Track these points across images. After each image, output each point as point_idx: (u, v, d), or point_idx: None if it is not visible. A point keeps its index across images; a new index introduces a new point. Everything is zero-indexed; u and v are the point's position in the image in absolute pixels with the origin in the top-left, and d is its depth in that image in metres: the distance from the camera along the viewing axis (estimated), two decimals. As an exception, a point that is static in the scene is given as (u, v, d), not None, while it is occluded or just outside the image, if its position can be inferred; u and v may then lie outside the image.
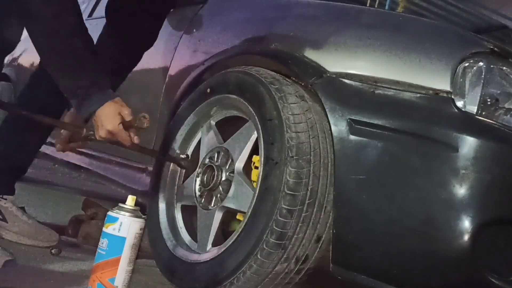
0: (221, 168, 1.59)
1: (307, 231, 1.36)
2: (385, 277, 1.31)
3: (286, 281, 1.41)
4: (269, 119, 1.44)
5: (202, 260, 1.50)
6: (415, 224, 1.26)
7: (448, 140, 1.24)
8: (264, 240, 1.34)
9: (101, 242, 1.36)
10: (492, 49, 1.32)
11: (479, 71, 1.30)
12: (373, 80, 1.38)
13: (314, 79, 1.46)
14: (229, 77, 1.65)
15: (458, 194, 1.22)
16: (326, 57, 1.48)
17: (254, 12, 1.90)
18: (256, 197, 1.40)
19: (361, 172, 1.33)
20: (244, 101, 1.55)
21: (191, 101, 1.77)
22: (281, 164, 1.36)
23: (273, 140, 1.41)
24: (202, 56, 1.90)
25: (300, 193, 1.34)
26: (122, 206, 1.38)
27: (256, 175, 1.54)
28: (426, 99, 1.31)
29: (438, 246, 1.24)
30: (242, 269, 1.37)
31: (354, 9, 1.63)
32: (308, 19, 1.67)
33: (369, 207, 1.31)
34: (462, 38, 1.39)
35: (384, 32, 1.46)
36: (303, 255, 1.38)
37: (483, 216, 1.22)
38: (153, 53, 2.24)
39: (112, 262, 1.34)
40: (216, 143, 1.67)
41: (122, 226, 1.34)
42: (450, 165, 1.23)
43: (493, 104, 1.30)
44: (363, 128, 1.34)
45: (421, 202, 1.26)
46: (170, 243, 1.65)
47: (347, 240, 1.35)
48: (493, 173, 1.23)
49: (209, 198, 1.61)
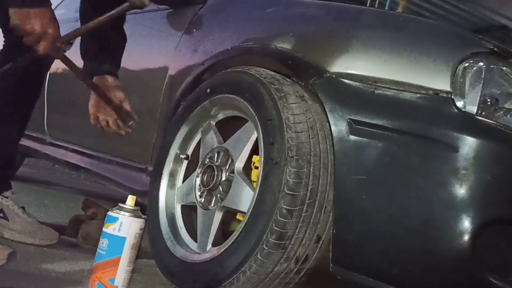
0: (221, 168, 1.60)
1: (307, 231, 1.36)
2: (385, 277, 1.31)
3: (286, 281, 1.41)
4: (269, 119, 1.44)
5: (202, 260, 1.50)
6: (415, 224, 1.26)
7: (448, 140, 1.24)
8: (264, 240, 1.34)
9: (101, 242, 1.36)
10: (492, 49, 1.32)
11: (479, 71, 1.30)
12: (373, 80, 1.38)
13: (314, 79, 1.46)
14: (229, 77, 1.65)
15: (458, 194, 1.22)
16: (326, 57, 1.48)
17: (254, 12, 1.90)
18: (256, 197, 1.40)
19: (361, 172, 1.33)
20: (244, 101, 1.55)
21: (191, 101, 1.77)
22: (281, 164, 1.36)
23: (273, 140, 1.41)
24: (202, 56, 1.90)
25: (300, 193, 1.34)
26: (122, 206, 1.38)
27: (256, 175, 1.54)
28: (426, 99, 1.31)
29: (438, 246, 1.24)
30: (242, 269, 1.37)
31: (354, 9, 1.63)
32: (308, 19, 1.67)
33: (369, 207, 1.31)
34: (462, 38, 1.39)
35: (384, 32, 1.46)
36: (303, 255, 1.38)
37: (483, 216, 1.22)
38: (153, 53, 2.24)
39: (112, 262, 1.34)
40: (216, 143, 1.67)
41: (122, 226, 1.34)
42: (450, 165, 1.23)
43: (493, 104, 1.30)
44: (363, 128, 1.34)
45: (421, 202, 1.26)
46: (170, 243, 1.65)
47: (347, 240, 1.35)
48: (493, 173, 1.23)
49: (209, 198, 1.61)
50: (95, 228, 1.86)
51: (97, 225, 1.83)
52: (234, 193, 1.52)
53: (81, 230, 1.91)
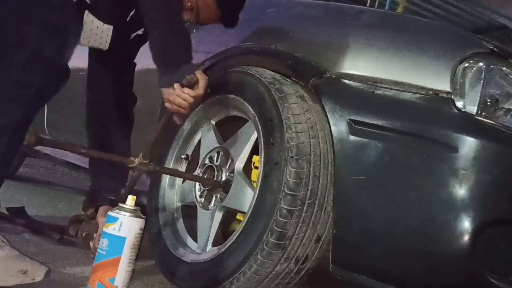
0: (221, 168, 1.60)
1: (307, 231, 1.36)
2: (385, 277, 1.31)
3: (286, 281, 1.41)
4: (269, 119, 1.44)
5: (202, 260, 1.50)
6: (415, 225, 1.26)
7: (448, 141, 1.24)
8: (264, 240, 1.34)
9: (101, 242, 1.36)
10: (492, 49, 1.32)
11: (479, 72, 1.30)
12: (373, 81, 1.38)
13: (314, 80, 1.46)
14: (229, 77, 1.65)
15: (458, 194, 1.22)
16: (326, 57, 1.48)
17: (254, 12, 1.90)
18: (256, 197, 1.40)
19: (361, 172, 1.33)
20: (244, 101, 1.55)
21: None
22: (281, 164, 1.36)
23: (273, 140, 1.41)
24: (202, 56, 1.90)
25: (300, 193, 1.34)
26: (122, 206, 1.38)
27: (256, 175, 1.54)
28: (426, 100, 1.31)
29: (438, 246, 1.24)
30: (242, 269, 1.37)
31: (354, 9, 1.63)
32: (308, 19, 1.67)
33: (369, 207, 1.31)
34: (462, 38, 1.39)
35: (384, 32, 1.46)
36: (303, 255, 1.38)
37: (483, 216, 1.22)
38: (153, 53, 2.24)
39: (112, 262, 1.34)
40: (216, 143, 1.67)
41: (122, 226, 1.34)
42: (450, 166, 1.23)
43: (493, 105, 1.30)
44: (363, 129, 1.34)
45: (421, 202, 1.26)
46: (170, 243, 1.65)
47: (347, 240, 1.35)
48: (493, 174, 1.23)
49: (209, 198, 1.61)
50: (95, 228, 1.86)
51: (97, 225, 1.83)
52: (234, 193, 1.52)
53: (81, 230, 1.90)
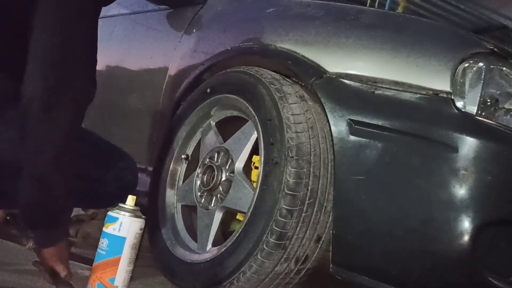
0: (221, 168, 1.60)
1: (307, 231, 1.36)
2: (385, 277, 1.31)
3: (286, 281, 1.41)
4: (269, 119, 1.44)
5: (202, 260, 1.50)
6: (415, 225, 1.26)
7: (448, 141, 1.24)
8: (264, 240, 1.34)
9: (101, 242, 1.36)
10: (492, 49, 1.32)
11: (479, 72, 1.30)
12: (373, 81, 1.38)
13: (314, 80, 1.46)
14: (229, 77, 1.65)
15: (458, 194, 1.22)
16: (326, 57, 1.48)
17: (254, 12, 1.90)
18: (256, 197, 1.40)
19: (361, 172, 1.33)
20: (244, 101, 1.55)
21: (191, 101, 1.77)
22: (281, 164, 1.36)
23: (273, 140, 1.41)
24: (202, 56, 1.90)
25: (300, 193, 1.34)
26: (122, 206, 1.38)
27: (256, 175, 1.54)
28: (426, 100, 1.31)
29: (438, 246, 1.24)
30: (242, 269, 1.37)
31: (354, 9, 1.63)
32: (308, 19, 1.67)
33: (369, 207, 1.31)
34: (461, 38, 1.39)
35: (384, 32, 1.46)
36: (303, 255, 1.38)
37: (483, 216, 1.22)
38: (153, 53, 2.24)
39: (112, 262, 1.34)
40: (216, 143, 1.67)
41: (122, 226, 1.34)
42: (450, 166, 1.23)
43: (493, 105, 1.30)
44: (363, 129, 1.34)
45: (421, 202, 1.26)
46: (170, 243, 1.65)
47: (347, 240, 1.35)
48: (493, 174, 1.23)
49: (209, 198, 1.61)
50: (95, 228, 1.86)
51: (97, 225, 1.83)
52: (234, 193, 1.52)
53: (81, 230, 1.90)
